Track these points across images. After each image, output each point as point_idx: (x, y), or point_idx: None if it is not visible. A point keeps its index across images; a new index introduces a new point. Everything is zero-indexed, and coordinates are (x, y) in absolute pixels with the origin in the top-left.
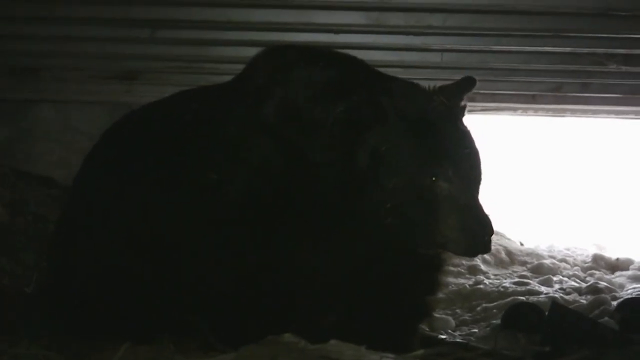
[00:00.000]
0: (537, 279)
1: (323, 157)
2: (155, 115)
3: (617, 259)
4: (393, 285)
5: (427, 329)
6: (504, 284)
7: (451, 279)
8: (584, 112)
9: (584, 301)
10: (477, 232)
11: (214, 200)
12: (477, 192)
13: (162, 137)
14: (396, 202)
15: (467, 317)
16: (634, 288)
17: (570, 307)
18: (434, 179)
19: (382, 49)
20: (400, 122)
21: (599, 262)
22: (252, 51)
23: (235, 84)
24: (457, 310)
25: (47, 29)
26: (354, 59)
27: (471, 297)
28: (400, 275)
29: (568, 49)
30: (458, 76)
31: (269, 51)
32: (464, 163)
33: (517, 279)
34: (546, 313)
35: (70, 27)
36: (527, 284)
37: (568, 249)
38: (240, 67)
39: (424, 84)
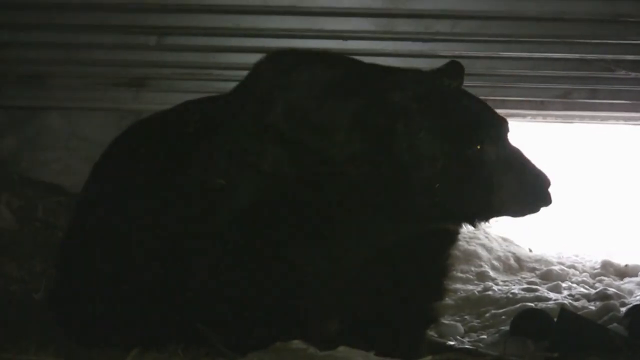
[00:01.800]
0: (546, 285)
1: (341, 155)
2: (163, 124)
3: (626, 266)
4: (401, 292)
5: (436, 335)
6: (512, 290)
7: (460, 285)
8: (593, 119)
9: (593, 307)
10: (535, 186)
11: (222, 207)
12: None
13: (170, 145)
14: (445, 179)
15: (475, 324)
16: None
17: (579, 313)
18: (479, 146)
19: (390, 55)
20: (425, 107)
21: (608, 269)
22: (259, 58)
23: (239, 90)
24: (466, 317)
25: (54, 37)
26: (354, 59)
27: (480, 303)
28: (408, 281)
29: (577, 55)
30: (467, 82)
31: (270, 57)
32: (499, 125)
33: (525, 285)
34: (555, 319)
35: (77, 35)
36: (535, 290)
37: (577, 256)
38: None
39: None
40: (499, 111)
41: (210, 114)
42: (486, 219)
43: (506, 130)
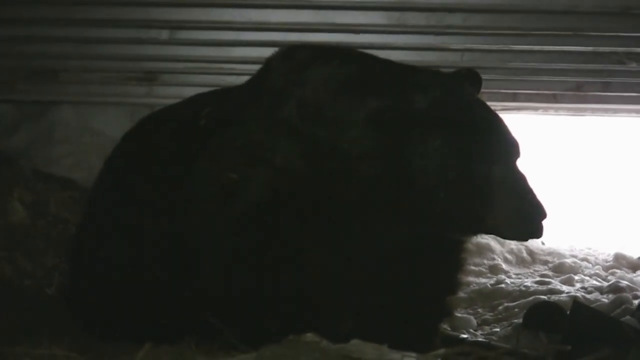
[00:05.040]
0: (559, 278)
1: (354, 151)
2: (174, 117)
3: (639, 258)
4: (414, 285)
5: (449, 329)
6: (525, 283)
7: (472, 279)
8: (605, 112)
9: (606, 300)
10: (531, 215)
11: (235, 201)
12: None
13: (181, 138)
14: (450, 191)
15: (488, 317)
16: None
17: (591, 306)
18: (492, 166)
19: (402, 48)
20: (443, 115)
21: (621, 261)
22: (271, 52)
23: (250, 85)
24: (479, 310)
25: (66, 31)
26: (368, 54)
27: (493, 296)
28: (421, 275)
29: (589, 48)
30: None
31: (283, 51)
32: (513, 149)
33: (538, 278)
34: (568, 312)
35: (89, 29)
36: (548, 283)
37: (589, 248)
38: None
39: None
40: (511, 104)
41: (222, 107)
42: (477, 234)
43: (517, 153)
